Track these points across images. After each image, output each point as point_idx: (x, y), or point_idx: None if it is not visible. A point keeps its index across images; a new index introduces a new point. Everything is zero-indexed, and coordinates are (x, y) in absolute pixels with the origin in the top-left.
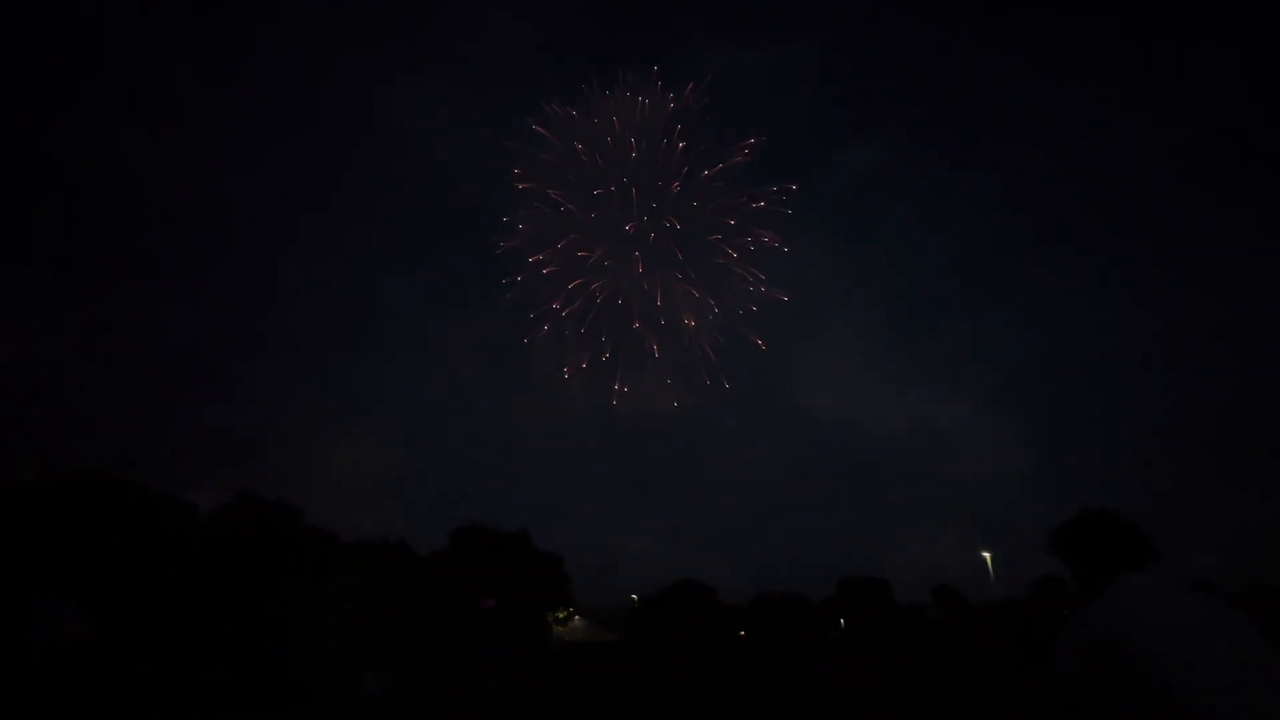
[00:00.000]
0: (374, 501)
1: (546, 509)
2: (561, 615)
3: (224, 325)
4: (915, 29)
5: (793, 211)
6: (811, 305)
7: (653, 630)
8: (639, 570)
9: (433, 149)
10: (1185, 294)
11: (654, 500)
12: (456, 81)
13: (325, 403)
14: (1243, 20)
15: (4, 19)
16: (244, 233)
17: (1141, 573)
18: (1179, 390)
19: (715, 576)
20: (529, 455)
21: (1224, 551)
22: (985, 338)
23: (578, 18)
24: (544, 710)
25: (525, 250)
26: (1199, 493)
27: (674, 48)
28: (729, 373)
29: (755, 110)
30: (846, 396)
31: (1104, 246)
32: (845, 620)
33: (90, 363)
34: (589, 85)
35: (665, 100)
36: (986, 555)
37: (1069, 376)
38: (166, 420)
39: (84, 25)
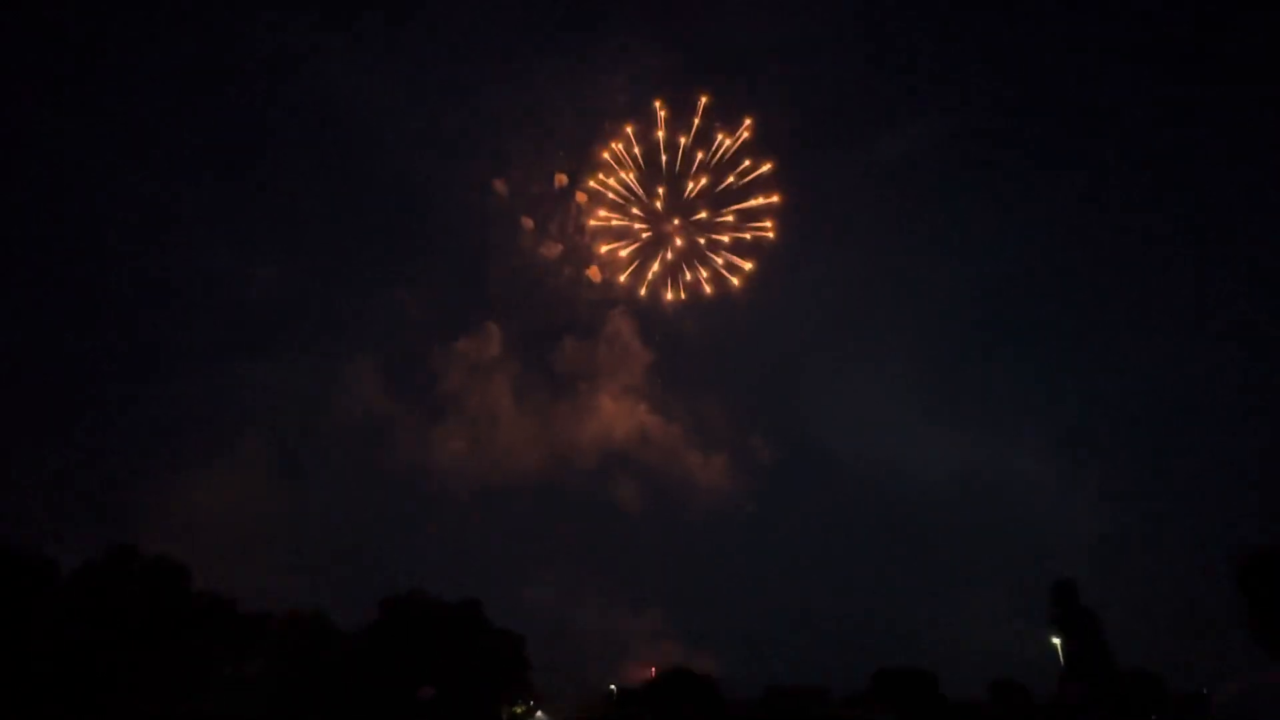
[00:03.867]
0: (280, 561)
1: (498, 574)
2: (520, 711)
3: (79, 337)
4: None
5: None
6: (840, 321)
7: None
8: (619, 654)
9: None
10: None
11: (637, 564)
12: (407, 50)
13: (209, 436)
14: None
15: None
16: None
17: None
18: None
19: (715, 663)
20: (470, 502)
21: None
22: (1057, 369)
23: None
24: None
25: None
26: None
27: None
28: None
29: (780, 86)
30: (883, 435)
31: (1209, 263)
32: None
33: None
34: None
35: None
36: (1057, 641)
37: (1158, 421)
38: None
39: None
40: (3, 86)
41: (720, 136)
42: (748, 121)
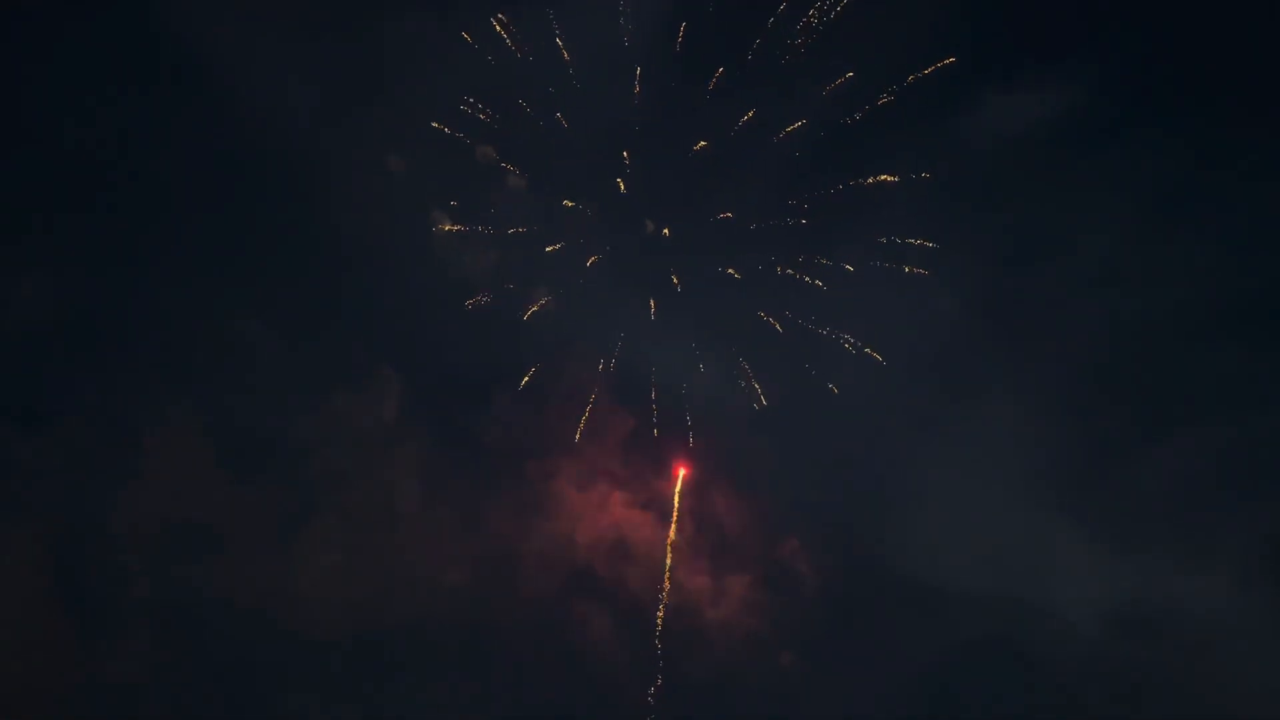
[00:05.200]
0: None
1: None
2: None
3: None
4: None
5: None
6: (938, 384)
7: None
8: None
9: None
10: None
11: None
12: None
13: None
14: None
15: None
16: None
17: None
18: None
19: None
20: (352, 651)
21: None
22: (1256, 458)
23: None
24: None
25: None
26: None
27: None
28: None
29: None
30: (1003, 559)
31: None
32: None
33: None
34: None
35: None
36: None
37: None
38: None
39: None
40: None
41: None
42: None
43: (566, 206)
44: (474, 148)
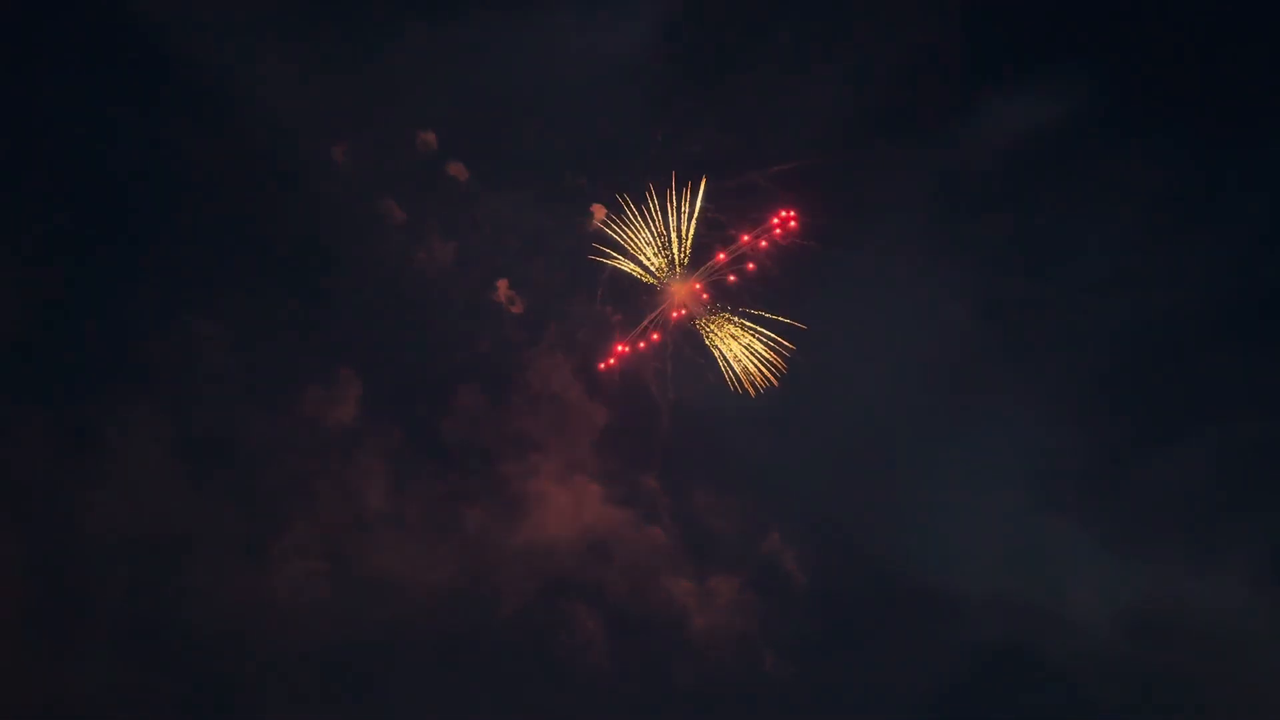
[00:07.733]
0: None
1: None
2: None
3: None
4: None
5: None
6: (945, 388)
7: None
8: None
9: None
10: None
11: None
12: None
13: None
14: None
15: None
16: None
17: None
18: None
19: None
20: (321, 665)
21: None
22: (1267, 460)
23: None
24: None
25: None
26: None
27: None
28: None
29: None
30: (1011, 563)
31: None
32: None
33: None
34: None
35: None
36: None
37: None
38: None
39: None
40: None
41: None
42: None
43: (532, 201)
44: (435, 146)
